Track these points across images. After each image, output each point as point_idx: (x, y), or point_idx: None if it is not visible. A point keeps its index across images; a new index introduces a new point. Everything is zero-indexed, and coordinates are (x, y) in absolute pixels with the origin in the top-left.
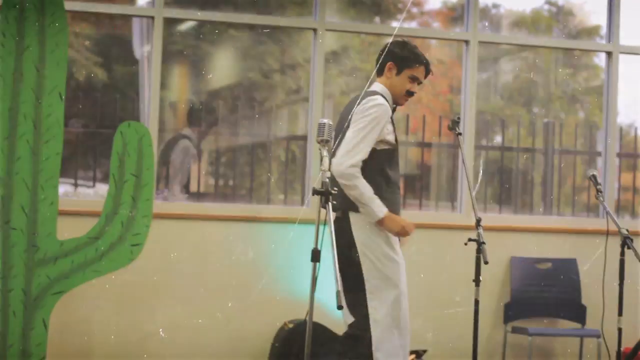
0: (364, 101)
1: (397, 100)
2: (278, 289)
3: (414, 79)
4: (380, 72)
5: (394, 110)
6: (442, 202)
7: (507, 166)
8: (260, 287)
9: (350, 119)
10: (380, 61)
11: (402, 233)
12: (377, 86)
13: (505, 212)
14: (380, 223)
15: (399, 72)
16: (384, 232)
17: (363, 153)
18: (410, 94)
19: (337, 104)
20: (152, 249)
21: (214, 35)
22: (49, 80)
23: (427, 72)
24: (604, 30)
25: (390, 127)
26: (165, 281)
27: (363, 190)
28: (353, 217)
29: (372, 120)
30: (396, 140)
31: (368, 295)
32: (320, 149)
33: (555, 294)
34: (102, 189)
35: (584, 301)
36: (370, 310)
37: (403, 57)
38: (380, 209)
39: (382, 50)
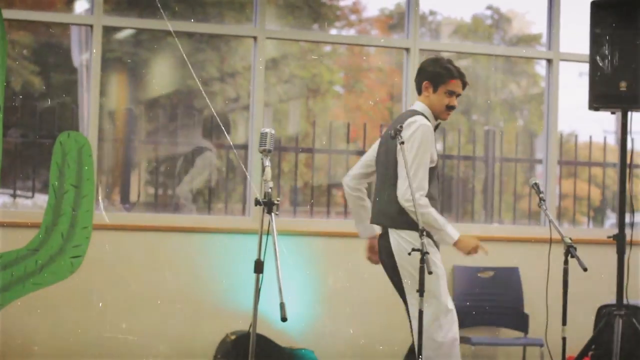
0: (406, 123)
1: (439, 116)
2: (220, 300)
3: (452, 93)
4: (419, 91)
5: (437, 126)
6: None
7: (448, 174)
8: (202, 298)
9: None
10: (416, 81)
11: (474, 251)
12: (418, 105)
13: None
14: (455, 245)
15: (435, 90)
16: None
17: (426, 179)
18: (450, 108)
19: (276, 112)
20: (93, 261)
21: (153, 43)
22: None
23: (464, 83)
24: (544, 39)
25: (434, 146)
26: (104, 293)
27: (436, 216)
28: (392, 233)
29: (420, 144)
30: (437, 155)
31: (410, 308)
32: (262, 159)
33: (498, 302)
34: (41, 199)
35: (526, 310)
36: (412, 322)
37: (436, 74)
38: (454, 233)
39: (417, 70)
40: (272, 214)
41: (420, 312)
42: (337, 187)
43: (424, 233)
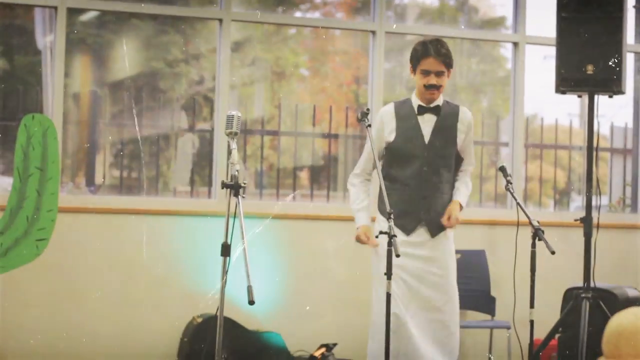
0: None
1: (423, 96)
2: (186, 283)
3: (426, 72)
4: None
5: (431, 108)
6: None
7: None
8: (169, 281)
9: None
10: None
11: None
12: (412, 95)
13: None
14: None
15: (414, 72)
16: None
17: (364, 160)
18: (429, 87)
19: (241, 95)
20: (58, 244)
21: (117, 24)
22: None
23: (444, 61)
24: (509, 22)
25: (392, 126)
26: (70, 276)
27: (352, 197)
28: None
29: (372, 131)
30: (418, 138)
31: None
32: (229, 142)
33: (465, 285)
34: (5, 182)
35: (493, 293)
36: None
37: (411, 58)
38: (358, 220)
39: None
40: (239, 196)
41: (388, 295)
42: (303, 170)
43: (391, 216)
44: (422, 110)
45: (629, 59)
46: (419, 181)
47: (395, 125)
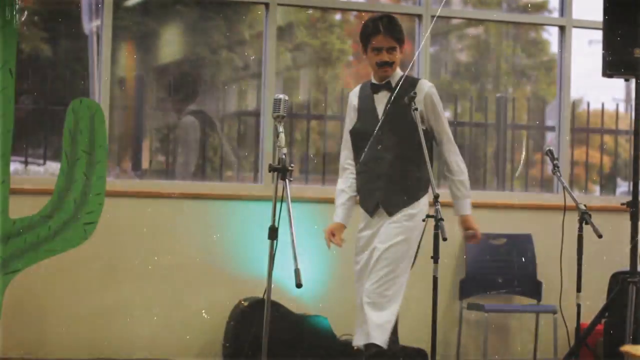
0: None
1: (376, 74)
2: (233, 267)
3: (377, 50)
4: None
5: (383, 85)
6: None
7: (459, 142)
8: (215, 265)
9: None
10: None
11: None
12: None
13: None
14: None
15: (365, 52)
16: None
17: (342, 154)
18: (381, 64)
19: (286, 79)
20: (105, 228)
21: (161, 10)
22: None
23: (393, 36)
24: (551, 5)
25: (354, 110)
26: (118, 260)
27: (336, 191)
28: None
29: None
30: (373, 118)
31: None
32: (276, 125)
33: (511, 269)
34: (53, 166)
35: (539, 277)
36: None
37: (361, 37)
38: (335, 216)
39: None
40: (286, 180)
41: (435, 279)
42: None
43: (438, 199)
44: (375, 88)
45: None
46: (374, 160)
47: (357, 106)
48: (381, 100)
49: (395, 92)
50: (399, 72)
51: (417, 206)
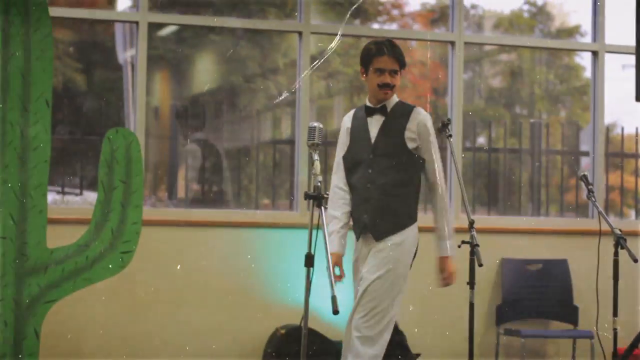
0: None
1: (377, 96)
2: (269, 294)
3: (380, 71)
4: None
5: (378, 109)
6: (431, 205)
7: (494, 167)
8: (252, 293)
9: None
10: None
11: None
12: None
13: (493, 213)
14: None
15: (366, 73)
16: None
17: (334, 178)
18: (383, 85)
19: (320, 107)
20: (142, 256)
21: (195, 39)
22: (35, 87)
23: (396, 59)
24: (583, 29)
25: (347, 132)
26: (155, 288)
27: (328, 220)
28: None
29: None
30: (366, 141)
31: None
32: (311, 153)
33: (547, 295)
34: (90, 196)
35: (576, 302)
36: None
37: (362, 59)
38: (331, 246)
39: None
40: (322, 207)
41: (471, 304)
42: None
43: (473, 225)
44: (370, 111)
45: None
46: (364, 185)
47: (350, 130)
48: (375, 124)
49: (389, 116)
50: (394, 98)
51: (404, 234)
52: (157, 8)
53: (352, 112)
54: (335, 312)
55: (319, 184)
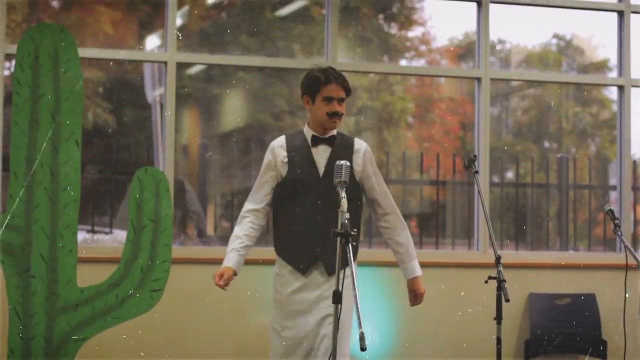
0: None
1: (325, 125)
2: None
3: (329, 99)
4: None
5: (326, 139)
6: (458, 240)
7: (521, 202)
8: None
9: None
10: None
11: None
12: (304, 127)
13: (520, 248)
14: None
15: (313, 101)
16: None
17: (250, 202)
18: (333, 115)
19: None
20: (171, 294)
21: (223, 77)
22: (65, 127)
23: (344, 87)
24: (612, 63)
25: (283, 159)
26: (184, 326)
27: (231, 237)
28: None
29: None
30: (312, 171)
31: None
32: (338, 190)
33: (575, 329)
34: (119, 234)
35: (604, 336)
36: None
37: (308, 86)
38: (225, 261)
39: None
40: (349, 244)
41: (499, 339)
42: (411, 217)
43: (500, 260)
44: (316, 141)
45: None
46: (313, 216)
47: (287, 159)
48: (321, 154)
49: (335, 147)
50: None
51: (351, 266)
52: (185, 47)
53: (281, 140)
54: (363, 348)
55: (346, 221)
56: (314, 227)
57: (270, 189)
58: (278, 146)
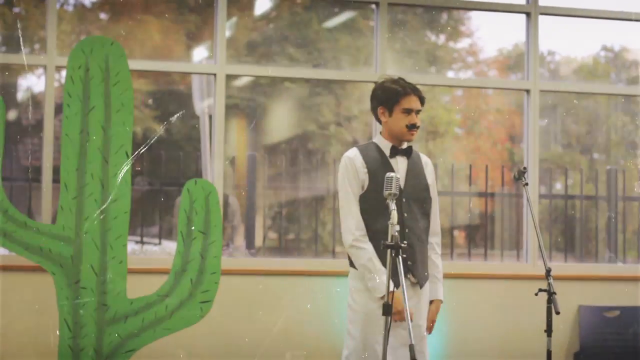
0: None
1: (403, 137)
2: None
3: (409, 111)
4: (378, 121)
5: (403, 150)
6: (507, 252)
7: (570, 214)
8: (327, 341)
9: None
10: (372, 112)
11: (397, 317)
12: (376, 137)
13: (569, 260)
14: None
15: (391, 113)
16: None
17: (349, 217)
18: (412, 127)
19: None
20: (220, 306)
21: (270, 88)
22: (115, 139)
23: (421, 98)
24: None
25: (364, 172)
26: (233, 338)
27: (364, 261)
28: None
29: (340, 182)
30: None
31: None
32: (388, 203)
33: (625, 342)
34: (167, 245)
35: None
36: None
37: (386, 98)
38: (378, 289)
39: (370, 100)
40: (399, 256)
41: (549, 352)
42: (460, 229)
43: (550, 273)
44: (394, 152)
45: None
46: (401, 229)
47: (367, 170)
48: (400, 166)
49: (411, 158)
50: None
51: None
52: (233, 58)
53: (355, 151)
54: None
55: (396, 233)
56: (404, 241)
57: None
58: (355, 158)
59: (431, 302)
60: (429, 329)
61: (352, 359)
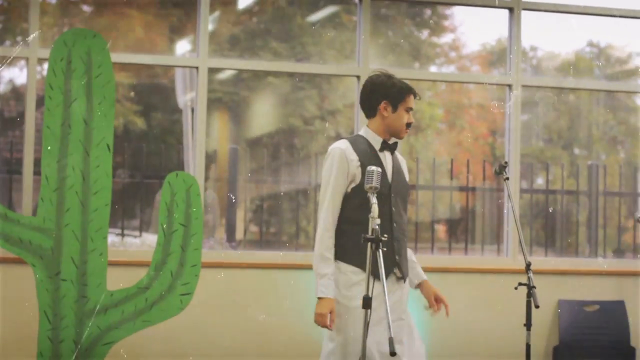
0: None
1: (399, 135)
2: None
3: (409, 110)
4: (373, 114)
5: (390, 145)
6: (487, 246)
7: (552, 208)
8: (308, 334)
9: None
10: (368, 102)
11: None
12: (363, 130)
13: (550, 254)
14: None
15: (395, 109)
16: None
17: (328, 210)
18: (409, 125)
19: None
20: (200, 298)
21: (254, 82)
22: (96, 132)
23: (416, 96)
24: None
25: (356, 165)
26: (213, 330)
27: (317, 261)
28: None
29: (327, 172)
30: (384, 178)
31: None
32: (369, 196)
33: (604, 336)
34: (149, 238)
35: (632, 343)
36: None
37: (393, 94)
38: (321, 290)
39: (367, 91)
40: (380, 250)
41: (528, 346)
42: (440, 223)
43: (530, 267)
44: (383, 146)
45: None
46: (389, 223)
47: (359, 164)
48: (387, 161)
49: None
50: None
51: (381, 274)
52: (215, 52)
53: (345, 144)
54: (392, 353)
55: (376, 226)
56: (393, 234)
57: (342, 197)
58: (347, 149)
59: (420, 284)
60: (446, 307)
61: (337, 352)
